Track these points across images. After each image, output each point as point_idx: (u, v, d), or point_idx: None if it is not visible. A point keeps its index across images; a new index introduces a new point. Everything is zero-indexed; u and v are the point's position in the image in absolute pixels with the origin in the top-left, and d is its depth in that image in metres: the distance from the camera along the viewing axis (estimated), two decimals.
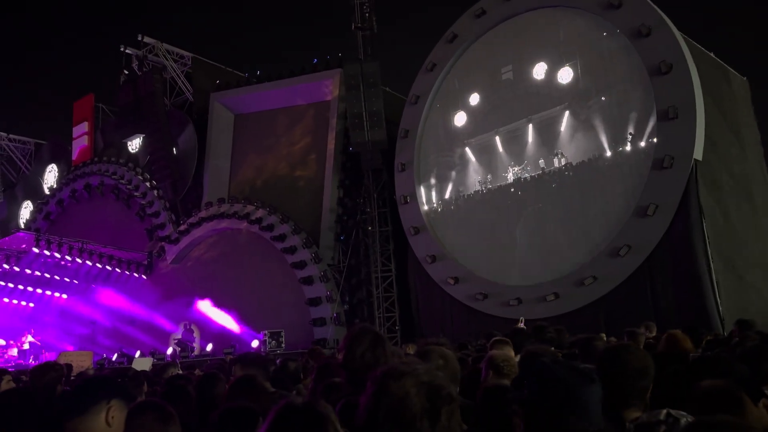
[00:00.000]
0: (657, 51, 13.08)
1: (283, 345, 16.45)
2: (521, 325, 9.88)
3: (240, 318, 18.02)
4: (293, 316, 17.36)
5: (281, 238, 18.01)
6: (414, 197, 16.83)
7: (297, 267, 17.54)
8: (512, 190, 15.42)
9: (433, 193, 16.95)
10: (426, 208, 16.86)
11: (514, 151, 15.58)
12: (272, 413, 1.44)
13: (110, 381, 2.17)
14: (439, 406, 1.18)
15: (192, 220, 20.31)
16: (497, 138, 15.90)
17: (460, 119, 16.77)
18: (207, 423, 2.56)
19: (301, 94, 19.84)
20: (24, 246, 19.85)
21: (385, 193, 17.90)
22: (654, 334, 6.84)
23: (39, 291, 22.71)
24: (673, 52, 12.91)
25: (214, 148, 21.09)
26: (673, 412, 1.93)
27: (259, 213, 18.67)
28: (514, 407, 2.06)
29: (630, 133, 13.51)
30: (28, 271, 20.99)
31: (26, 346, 21.06)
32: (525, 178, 15.23)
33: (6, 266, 20.41)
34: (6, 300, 23.14)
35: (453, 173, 16.71)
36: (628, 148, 13.50)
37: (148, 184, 21.76)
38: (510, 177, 15.49)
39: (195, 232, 20.29)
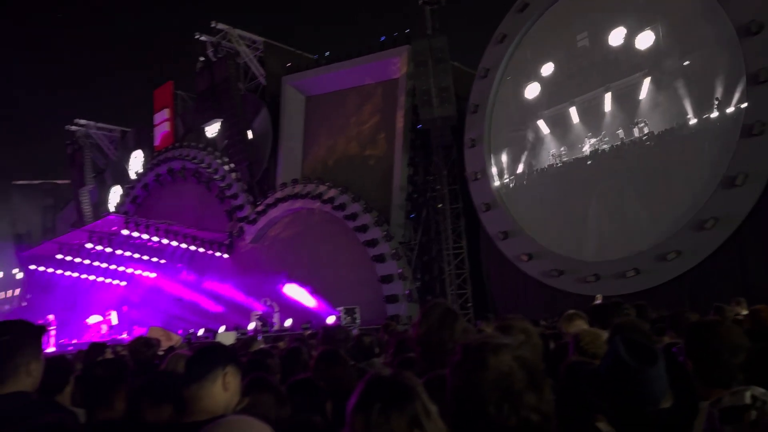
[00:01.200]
0: (746, 10, 12.20)
1: (357, 321, 16.75)
2: (598, 302, 9.59)
3: (316, 294, 18.41)
4: (367, 293, 17.59)
5: (353, 216, 18.22)
6: (485, 173, 16.59)
7: (369, 245, 17.72)
8: (589, 162, 14.90)
9: (505, 169, 16.63)
10: (497, 183, 16.59)
11: (590, 122, 15.00)
12: (361, 384, 1.46)
13: (225, 348, 2.28)
14: (540, 380, 1.17)
15: (268, 201, 20.91)
16: (573, 109, 15.36)
17: (532, 91, 16.30)
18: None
19: (369, 73, 19.85)
20: (114, 228, 21.08)
21: (455, 170, 17.71)
22: (745, 311, 6.50)
23: (129, 270, 24.32)
24: (764, 11, 12.02)
25: (287, 130, 21.54)
26: (758, 393, 1.85)
27: (331, 193, 18.96)
28: (590, 385, 2.04)
29: (716, 99, 12.70)
30: (119, 252, 22.39)
31: (114, 322, 22.63)
32: (603, 150, 14.66)
33: (99, 247, 21.82)
34: (100, 279, 24.94)
35: (525, 147, 16.32)
36: (715, 114, 12.70)
37: (226, 167, 22.54)
38: (586, 149, 14.96)
39: (271, 213, 20.91)
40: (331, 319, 17.53)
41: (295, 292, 19.03)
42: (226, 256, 22.45)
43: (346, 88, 20.59)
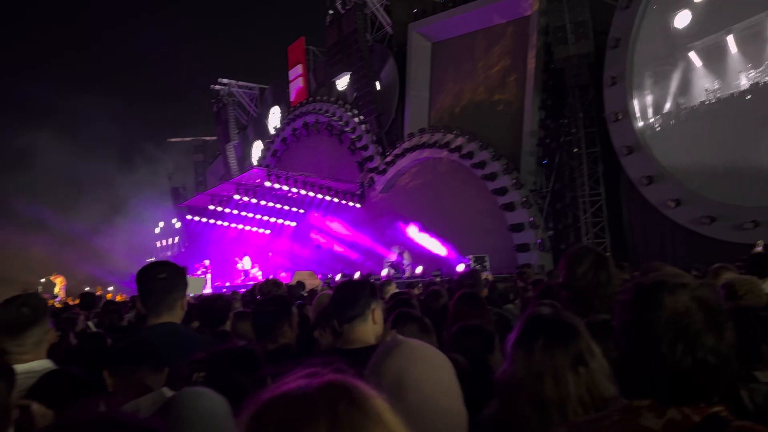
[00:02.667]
0: None
1: (487, 269, 16.61)
2: (759, 249, 8.69)
3: (446, 242, 18.46)
4: (496, 241, 17.32)
5: (481, 165, 17.86)
6: (626, 113, 15.38)
7: (498, 193, 17.33)
8: (748, 97, 13.27)
9: (649, 108, 15.31)
10: (641, 124, 15.34)
11: (750, 52, 13.28)
12: (521, 322, 1.45)
13: (370, 284, 2.44)
14: (720, 321, 1.11)
15: (396, 151, 21.11)
16: (730, 37, 13.62)
17: (682, 19, 14.65)
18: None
19: (498, 12, 18.96)
20: (258, 180, 22.43)
21: (592, 112, 16.60)
22: None
23: (272, 220, 25.98)
24: None
25: (414, 79, 21.38)
26: None
27: (459, 141, 18.68)
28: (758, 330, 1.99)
29: None
30: (263, 203, 23.93)
31: (247, 266, 24.37)
32: (765, 83, 12.95)
33: (245, 198, 23.42)
34: (247, 228, 26.94)
35: (673, 83, 14.85)
36: None
37: (356, 119, 23.00)
38: (745, 83, 13.31)
39: (400, 163, 21.11)
40: (460, 267, 17.57)
41: (424, 240, 19.25)
42: (358, 205, 23.14)
43: (474, 30, 19.87)
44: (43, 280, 25.31)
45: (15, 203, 31.47)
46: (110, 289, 24.57)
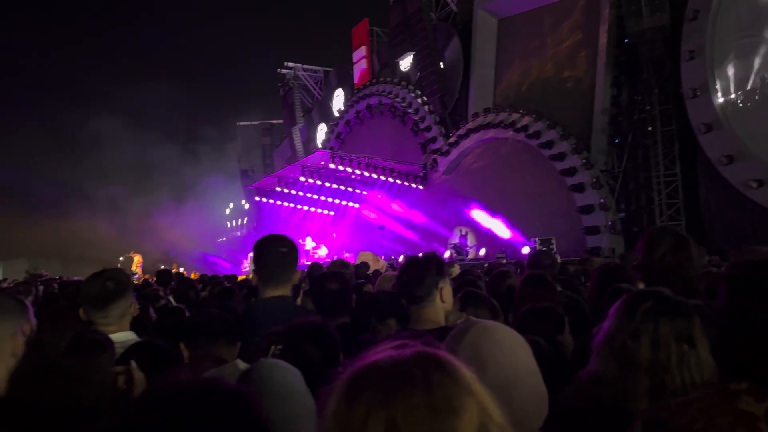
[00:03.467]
0: None
1: (555, 252, 16.26)
2: None
3: (510, 225, 18.23)
4: (563, 224, 16.89)
5: (548, 144, 17.34)
6: (706, 89, 14.51)
7: (566, 174, 16.81)
8: None
9: (731, 83, 14.37)
10: (721, 100, 14.44)
11: None
12: (622, 301, 1.44)
13: (437, 261, 2.40)
14: None
15: (460, 132, 20.83)
16: None
17: None
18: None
19: None
20: (323, 163, 22.76)
21: (668, 88, 15.76)
22: None
23: (336, 201, 26.39)
24: None
25: (479, 58, 20.97)
26: None
27: (525, 120, 18.18)
28: None
29: None
30: (327, 184, 24.30)
31: (309, 246, 24.68)
32: None
33: (311, 180, 23.88)
34: (312, 209, 27.44)
35: (758, 57, 13.86)
36: None
37: (419, 100, 22.82)
38: None
39: (463, 144, 20.84)
40: (525, 250, 17.25)
41: (488, 222, 19.05)
42: (420, 187, 23.09)
43: (542, 5, 19.27)
44: (122, 258, 26.70)
45: (90, 186, 33.36)
46: (181, 270, 25.78)
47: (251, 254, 2.69)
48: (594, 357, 1.46)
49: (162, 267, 13.87)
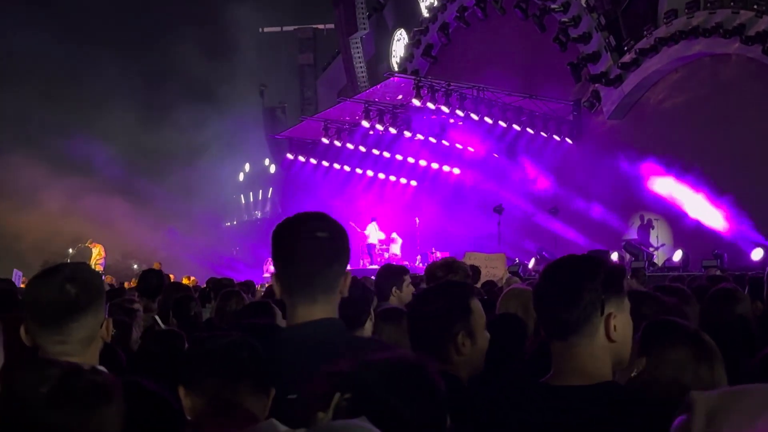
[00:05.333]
0: None
1: None
2: None
3: (731, 209, 18.04)
4: None
5: None
6: None
7: None
8: None
9: None
10: None
11: None
12: None
13: (605, 267, 2.41)
14: None
15: (642, 44, 20.58)
16: None
17: None
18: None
19: None
20: (400, 97, 22.83)
21: None
22: None
23: (422, 163, 26.35)
24: None
25: None
26: None
27: (763, 23, 17.68)
28: None
29: None
30: (408, 135, 24.34)
31: (374, 238, 24.86)
32: None
33: (379, 127, 23.86)
34: (381, 176, 27.43)
35: None
36: None
37: None
38: None
39: (648, 65, 20.63)
40: (757, 254, 16.82)
41: (688, 202, 19.06)
42: (569, 140, 22.96)
43: None
44: (72, 251, 27.50)
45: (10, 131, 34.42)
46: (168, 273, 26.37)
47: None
48: None
49: (142, 267, 14.12)
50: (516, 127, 22.96)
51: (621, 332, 2.32)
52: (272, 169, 35.85)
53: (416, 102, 22.02)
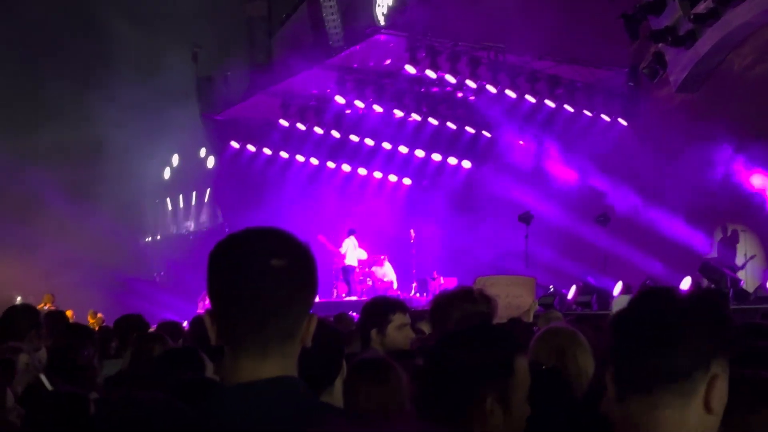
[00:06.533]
0: None
1: None
2: None
3: None
4: None
5: None
6: None
7: None
8: None
9: None
10: None
11: None
12: None
13: (714, 304, 2.46)
14: None
15: None
16: None
17: None
18: None
19: None
20: (388, 62, 23.26)
21: None
22: None
23: (419, 154, 26.66)
24: None
25: None
26: None
27: None
28: None
29: None
30: (399, 114, 24.62)
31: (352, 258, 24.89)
32: None
33: (359, 104, 24.14)
34: (362, 171, 27.51)
35: None
36: None
37: None
38: None
39: (731, 16, 20.70)
40: None
41: None
42: (622, 122, 23.38)
43: None
44: None
45: None
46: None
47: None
48: None
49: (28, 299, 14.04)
50: (549, 103, 23.33)
51: (720, 403, 2.31)
52: (210, 162, 35.68)
53: (410, 69, 22.35)
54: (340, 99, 24.06)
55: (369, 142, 26.17)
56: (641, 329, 2.33)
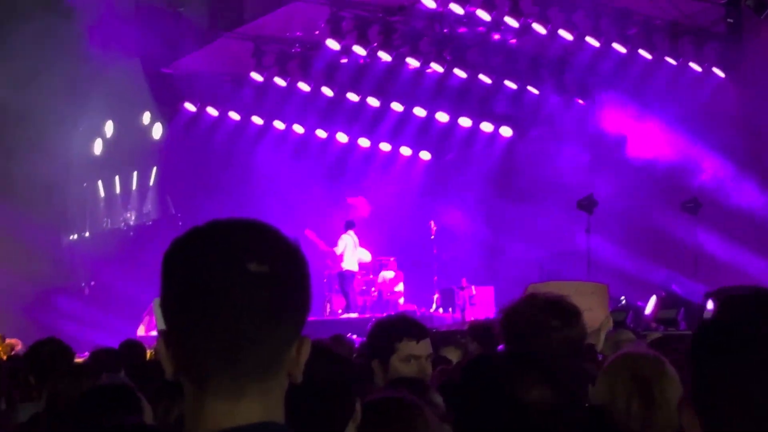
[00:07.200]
0: None
1: None
2: None
3: None
4: None
5: None
6: None
7: None
8: None
9: None
10: None
11: None
12: None
13: None
14: None
15: None
16: None
17: None
18: None
19: None
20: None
21: None
22: None
23: (442, 118, 25.80)
24: None
25: None
26: None
27: None
28: None
29: None
30: (415, 64, 23.49)
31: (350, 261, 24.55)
32: None
33: (359, 50, 23.34)
34: (364, 142, 26.57)
35: None
36: None
37: None
38: None
39: None
40: None
41: None
42: (718, 73, 22.96)
43: None
44: None
45: None
46: None
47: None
48: None
49: None
50: (618, 47, 22.48)
51: None
52: (156, 132, 34.69)
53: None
54: (333, 44, 23.29)
55: (373, 102, 25.50)
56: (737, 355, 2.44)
